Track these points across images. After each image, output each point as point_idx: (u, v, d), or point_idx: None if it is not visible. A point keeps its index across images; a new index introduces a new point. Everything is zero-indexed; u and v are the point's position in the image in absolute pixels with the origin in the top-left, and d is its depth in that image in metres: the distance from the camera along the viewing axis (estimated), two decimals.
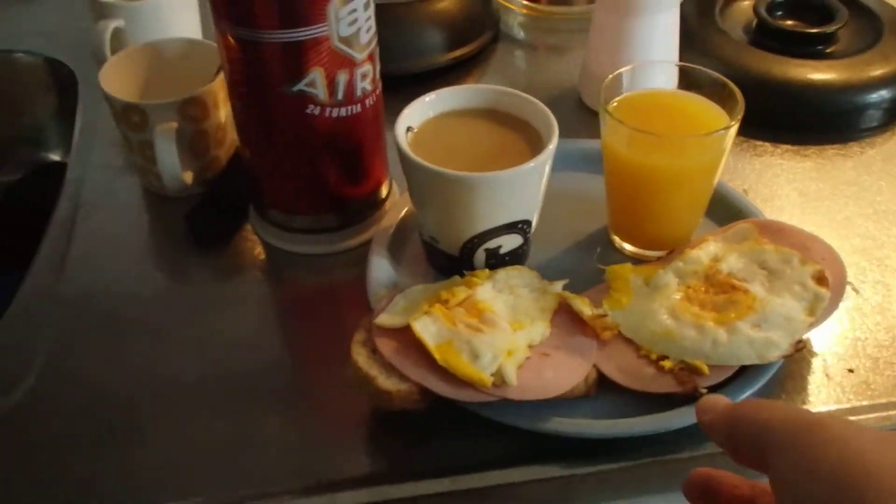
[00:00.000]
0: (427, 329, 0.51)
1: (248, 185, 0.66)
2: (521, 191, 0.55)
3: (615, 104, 0.60)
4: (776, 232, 0.58)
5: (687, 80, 0.61)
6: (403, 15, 0.81)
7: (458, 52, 0.83)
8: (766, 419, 0.35)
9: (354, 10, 0.55)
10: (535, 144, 0.57)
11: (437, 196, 0.56)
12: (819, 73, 0.75)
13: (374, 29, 0.59)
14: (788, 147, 0.74)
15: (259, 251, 0.66)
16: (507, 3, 0.93)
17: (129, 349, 0.59)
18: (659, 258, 0.59)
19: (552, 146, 0.55)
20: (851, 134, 0.75)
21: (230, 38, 0.56)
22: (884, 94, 0.75)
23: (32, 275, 0.65)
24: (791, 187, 0.70)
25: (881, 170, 0.71)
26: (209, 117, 0.66)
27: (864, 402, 0.54)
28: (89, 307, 0.62)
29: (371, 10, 0.58)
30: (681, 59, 0.77)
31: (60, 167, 0.85)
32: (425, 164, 0.54)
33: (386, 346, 0.51)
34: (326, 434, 0.54)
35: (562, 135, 0.75)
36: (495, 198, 0.55)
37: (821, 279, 0.53)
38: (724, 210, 0.64)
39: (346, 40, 0.56)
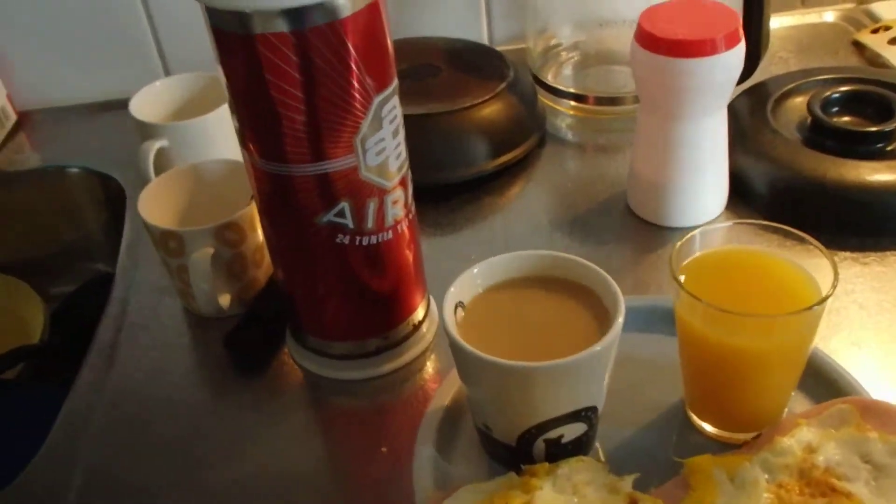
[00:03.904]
0: None
1: (285, 311, 0.65)
2: (586, 377, 0.50)
3: (688, 270, 0.53)
4: (881, 415, 0.50)
5: (768, 237, 0.55)
6: (448, 124, 0.80)
7: (504, 158, 0.82)
8: None
9: (382, 140, 0.55)
10: (599, 316, 0.52)
11: (491, 384, 0.51)
12: (878, 174, 0.71)
13: (404, 155, 0.58)
14: (847, 254, 0.70)
15: (298, 375, 0.65)
16: (554, 105, 0.92)
17: (166, 477, 0.59)
18: (745, 443, 0.52)
19: (620, 321, 0.49)
20: None
21: (259, 171, 0.56)
22: None
23: (71, 402, 0.65)
24: (849, 300, 0.66)
25: None
26: (247, 240, 0.66)
27: None
28: (129, 432, 0.62)
29: (401, 137, 0.57)
30: (732, 162, 0.75)
31: (108, 278, 0.86)
32: (476, 352, 0.49)
33: None
34: None
35: (609, 242, 0.73)
36: (557, 387, 0.49)
37: None
38: (818, 380, 0.57)
39: (375, 170, 0.55)
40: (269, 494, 0.57)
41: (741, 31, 0.68)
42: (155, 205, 0.68)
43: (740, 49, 0.68)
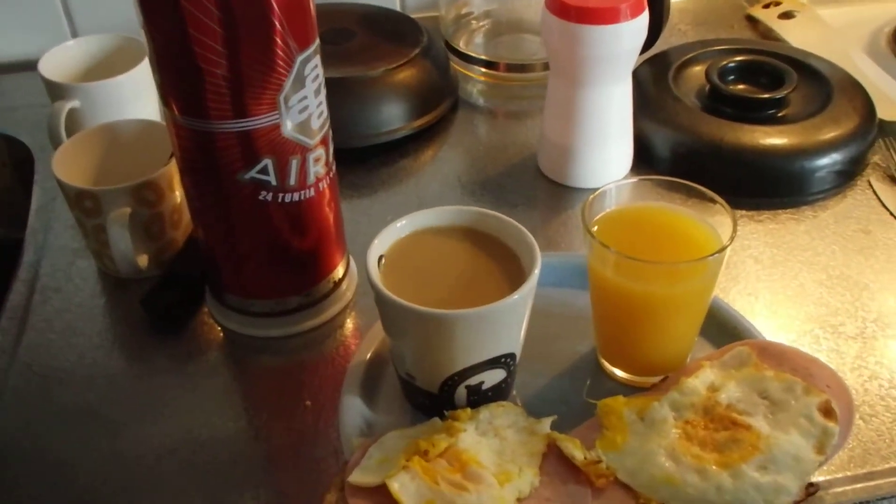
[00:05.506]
0: (406, 489, 0.46)
1: (204, 270, 0.65)
2: (504, 325, 0.52)
3: (599, 223, 0.57)
4: (777, 356, 0.54)
5: (672, 193, 0.58)
6: (361, 88, 0.81)
7: (417, 123, 0.83)
8: None
9: (305, 98, 0.56)
10: (515, 269, 0.54)
11: (414, 333, 0.52)
12: (771, 138, 0.76)
13: (325, 113, 0.59)
14: (743, 213, 0.74)
15: (218, 334, 0.66)
16: (466, 72, 0.94)
17: (82, 442, 0.58)
18: (653, 385, 0.55)
19: (536, 272, 0.52)
20: (804, 198, 0.76)
21: (181, 128, 0.56)
22: (835, 156, 0.76)
23: None
24: (746, 254, 0.70)
25: (834, 233, 0.72)
26: (164, 200, 0.66)
27: None
28: (43, 397, 0.61)
29: (322, 96, 0.58)
30: (636, 127, 0.78)
31: (14, 243, 0.84)
32: (401, 301, 0.50)
33: None
34: None
35: (520, 203, 0.76)
36: (477, 334, 0.51)
37: (828, 411, 0.50)
38: (719, 328, 0.61)
39: (298, 127, 0.56)
40: (191, 456, 0.57)
41: (645, 1, 0.71)
42: (69, 165, 0.67)
43: (644, 18, 0.71)
